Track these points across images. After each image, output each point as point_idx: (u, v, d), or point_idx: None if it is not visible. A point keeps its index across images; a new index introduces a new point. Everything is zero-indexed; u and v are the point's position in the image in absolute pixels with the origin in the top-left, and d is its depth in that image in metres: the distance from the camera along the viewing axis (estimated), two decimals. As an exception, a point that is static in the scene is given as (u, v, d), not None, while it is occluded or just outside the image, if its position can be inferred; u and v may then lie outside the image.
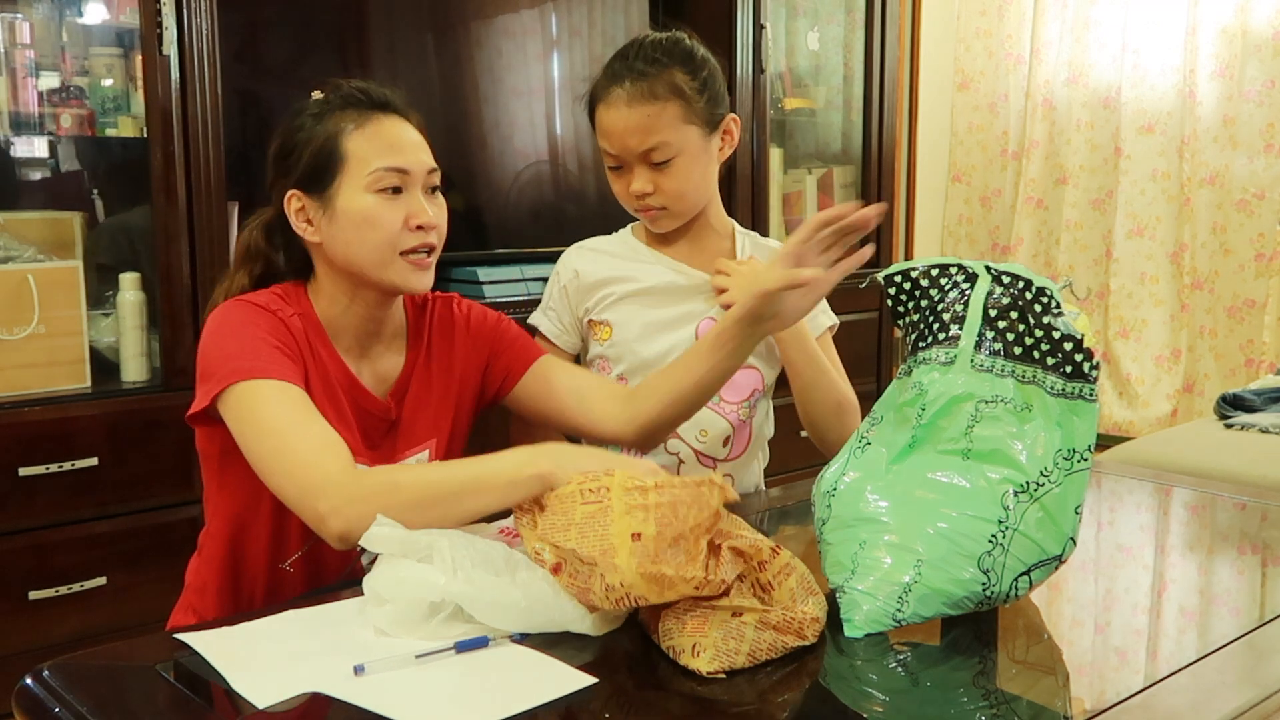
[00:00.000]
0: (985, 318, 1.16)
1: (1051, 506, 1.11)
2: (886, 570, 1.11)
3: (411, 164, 1.35)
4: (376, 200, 1.33)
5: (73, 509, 2.18)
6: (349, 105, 1.36)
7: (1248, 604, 1.30)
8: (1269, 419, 2.93)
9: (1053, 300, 1.15)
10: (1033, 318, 1.14)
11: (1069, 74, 4.42)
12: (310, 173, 1.34)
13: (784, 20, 3.49)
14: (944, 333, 1.17)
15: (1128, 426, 4.24)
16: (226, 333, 1.28)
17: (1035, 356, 1.14)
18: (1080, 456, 1.13)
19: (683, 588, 1.03)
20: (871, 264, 4.03)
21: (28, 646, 2.12)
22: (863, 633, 1.09)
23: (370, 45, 2.79)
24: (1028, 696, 1.02)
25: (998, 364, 1.14)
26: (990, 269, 1.19)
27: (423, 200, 1.36)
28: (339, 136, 1.34)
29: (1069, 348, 1.13)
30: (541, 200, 3.01)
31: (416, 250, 1.35)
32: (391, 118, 1.37)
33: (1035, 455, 1.11)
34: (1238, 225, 4.07)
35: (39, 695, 0.98)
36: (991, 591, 1.11)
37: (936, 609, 1.11)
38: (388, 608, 1.08)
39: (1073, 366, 1.13)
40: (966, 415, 1.13)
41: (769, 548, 1.08)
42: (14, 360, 2.16)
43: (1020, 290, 1.16)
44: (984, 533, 1.10)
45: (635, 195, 1.54)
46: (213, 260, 2.30)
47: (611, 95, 1.51)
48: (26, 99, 2.23)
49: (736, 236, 1.68)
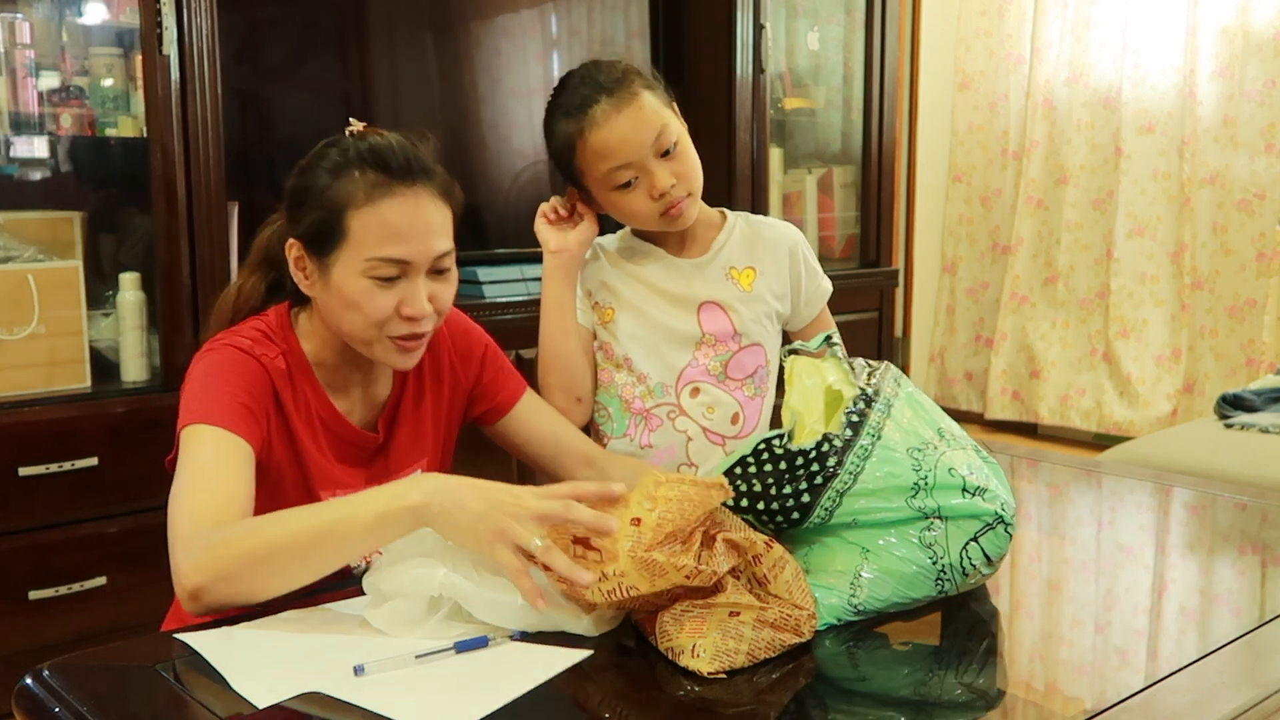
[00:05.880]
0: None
1: (955, 461, 1.16)
2: (837, 562, 1.15)
3: (413, 255, 1.28)
4: (369, 286, 1.27)
5: (73, 509, 2.18)
6: (366, 168, 1.27)
7: (1248, 604, 1.30)
8: (1269, 419, 2.93)
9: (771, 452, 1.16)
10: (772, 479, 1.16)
11: (1069, 74, 4.42)
12: (312, 235, 1.30)
13: (784, 20, 3.49)
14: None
15: (1128, 426, 4.24)
16: (202, 381, 1.28)
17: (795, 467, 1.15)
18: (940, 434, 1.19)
19: (674, 576, 1.03)
20: (871, 263, 4.02)
21: (28, 646, 2.12)
22: (823, 624, 1.11)
23: (370, 45, 2.79)
24: (1027, 696, 1.02)
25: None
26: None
27: (422, 287, 1.30)
28: (345, 210, 1.27)
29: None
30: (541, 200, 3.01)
31: (404, 335, 1.31)
32: (407, 194, 1.28)
33: (906, 428, 1.17)
34: (1238, 225, 4.07)
35: (39, 695, 0.98)
36: (943, 565, 1.13)
37: (893, 590, 1.13)
38: (386, 605, 1.08)
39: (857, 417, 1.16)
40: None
41: (763, 541, 1.09)
42: (14, 360, 2.16)
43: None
44: (906, 483, 1.13)
45: (660, 193, 1.54)
46: (213, 260, 2.30)
47: (595, 115, 1.51)
48: (26, 99, 2.24)
49: (727, 221, 1.69)
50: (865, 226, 3.66)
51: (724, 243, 1.66)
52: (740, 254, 1.65)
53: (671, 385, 1.62)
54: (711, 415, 1.63)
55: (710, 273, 1.64)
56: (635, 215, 1.58)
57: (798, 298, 1.68)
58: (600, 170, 1.53)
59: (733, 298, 1.63)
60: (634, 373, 1.63)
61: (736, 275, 1.64)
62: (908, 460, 1.14)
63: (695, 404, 1.62)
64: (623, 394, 1.63)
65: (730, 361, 1.63)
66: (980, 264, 4.82)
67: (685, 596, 1.05)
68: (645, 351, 1.63)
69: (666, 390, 1.62)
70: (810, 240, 2.54)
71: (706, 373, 1.62)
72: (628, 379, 1.63)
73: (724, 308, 1.63)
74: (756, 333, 1.64)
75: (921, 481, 1.14)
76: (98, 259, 2.37)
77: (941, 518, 1.14)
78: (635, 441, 1.61)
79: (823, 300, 1.72)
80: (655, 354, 1.62)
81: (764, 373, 1.67)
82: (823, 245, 3.64)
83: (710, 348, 1.62)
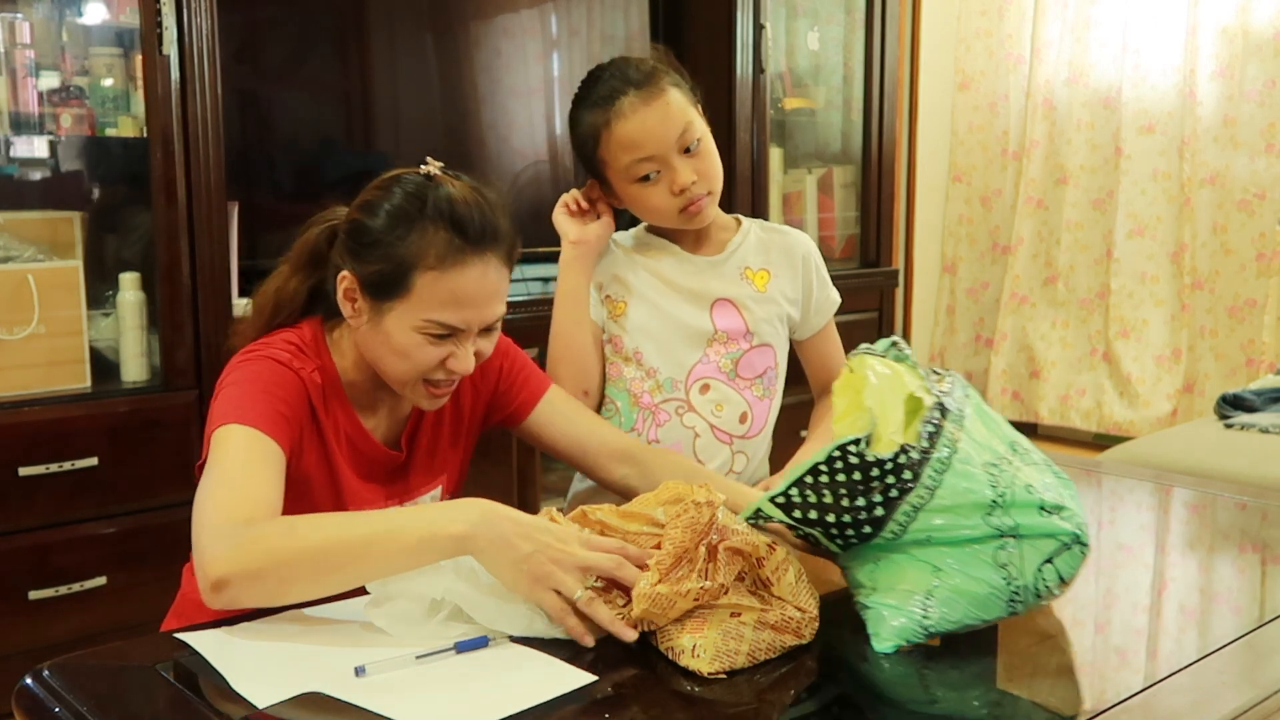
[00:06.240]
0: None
1: (1031, 478, 1.10)
2: (906, 580, 1.09)
3: (471, 322, 1.29)
4: (421, 340, 1.28)
5: (73, 509, 2.18)
6: (440, 226, 1.26)
7: (1248, 604, 1.30)
8: (1269, 419, 2.93)
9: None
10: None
11: (1069, 74, 4.42)
12: (373, 280, 1.29)
13: (784, 20, 3.48)
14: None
15: (1128, 426, 4.24)
16: (238, 387, 1.27)
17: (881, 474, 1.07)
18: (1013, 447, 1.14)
19: (682, 604, 1.04)
20: (871, 263, 4.01)
21: (28, 646, 2.12)
22: (892, 646, 1.06)
23: (370, 45, 2.79)
24: (1028, 696, 1.02)
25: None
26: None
27: (470, 345, 1.31)
28: (413, 269, 1.26)
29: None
30: (541, 200, 3.00)
31: (439, 383, 1.32)
32: (479, 263, 1.27)
33: (980, 441, 1.11)
34: (1238, 225, 4.07)
35: (39, 695, 0.98)
36: (1017, 586, 1.08)
37: (964, 611, 1.08)
38: (388, 606, 1.08)
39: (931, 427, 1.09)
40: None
41: (765, 544, 1.09)
42: (14, 360, 2.16)
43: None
44: (984, 499, 1.07)
45: (681, 189, 1.55)
46: (213, 260, 2.30)
47: (622, 107, 1.52)
48: (26, 99, 2.24)
49: (742, 225, 1.70)
50: (865, 226, 3.65)
51: (739, 244, 1.66)
52: (755, 256, 1.67)
53: (681, 381, 1.62)
54: (720, 413, 1.63)
55: (725, 270, 1.65)
56: (654, 210, 1.59)
57: (808, 305, 1.69)
58: (623, 162, 1.55)
59: (746, 296, 1.64)
60: (643, 367, 1.63)
61: (751, 275, 1.65)
62: (984, 476, 1.08)
63: (704, 401, 1.62)
64: (631, 388, 1.63)
65: (741, 360, 1.63)
66: (980, 264, 4.81)
67: (693, 601, 1.07)
68: (656, 346, 1.63)
69: (676, 386, 1.62)
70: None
71: (717, 370, 1.62)
72: (636, 373, 1.63)
73: (737, 305, 1.63)
74: (768, 333, 1.65)
75: (999, 498, 1.07)
76: (98, 259, 2.37)
77: (1017, 536, 1.07)
78: (642, 436, 1.62)
79: (831, 311, 1.73)
80: (666, 349, 1.62)
81: (773, 374, 1.68)
82: (823, 245, 3.63)
83: (722, 345, 1.63)
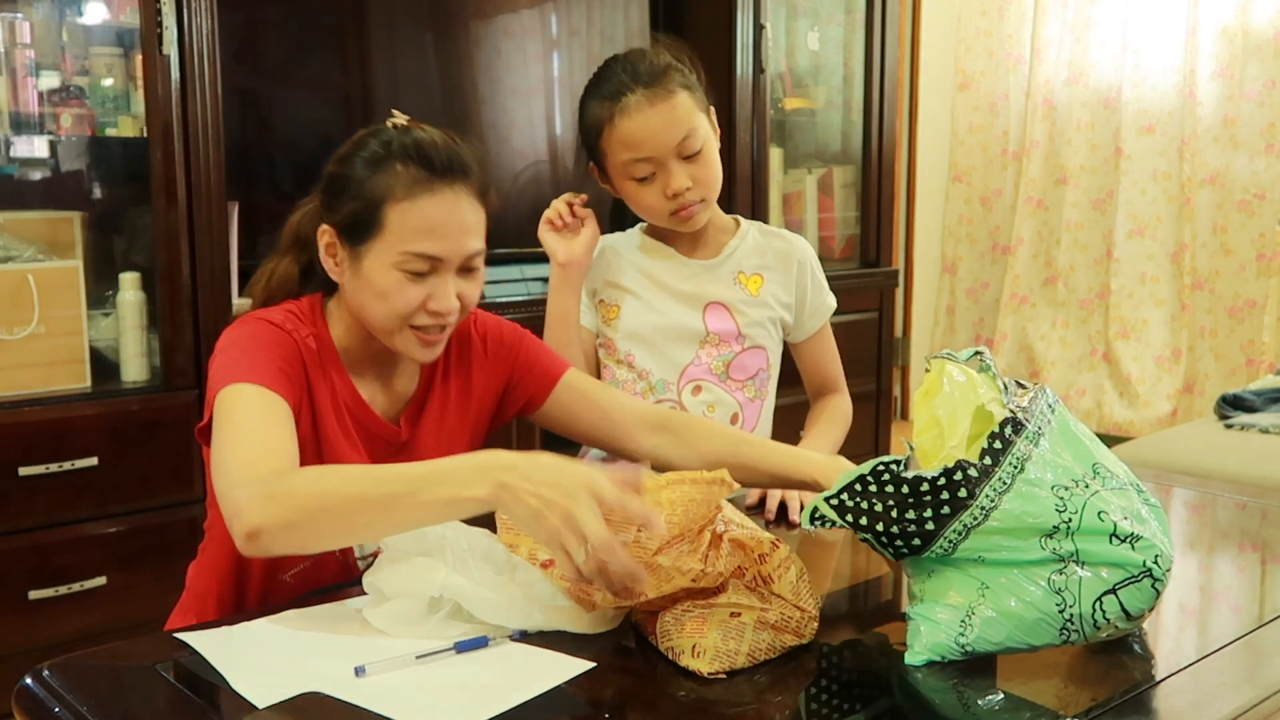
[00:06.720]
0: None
1: (1108, 504, 1.04)
2: (951, 595, 1.05)
3: (447, 252, 1.29)
4: (400, 278, 1.28)
5: (73, 509, 2.18)
6: (409, 162, 1.28)
7: (1248, 604, 1.30)
8: (1269, 419, 2.93)
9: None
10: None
11: (1069, 74, 4.42)
12: (348, 224, 1.30)
13: (784, 20, 3.48)
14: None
15: (1128, 426, 4.24)
16: (236, 348, 1.28)
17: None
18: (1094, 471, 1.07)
19: (679, 580, 1.03)
20: (871, 263, 4.01)
21: (28, 646, 2.12)
22: (923, 660, 1.04)
23: (370, 45, 2.78)
24: (1028, 696, 1.02)
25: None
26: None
27: (451, 284, 1.31)
28: (383, 202, 1.27)
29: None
30: (541, 200, 2.99)
31: (428, 328, 1.32)
32: (446, 192, 1.29)
33: (1054, 461, 1.05)
34: (1238, 225, 4.07)
35: (39, 695, 0.98)
36: (1070, 614, 1.02)
37: (1007, 633, 1.03)
38: (387, 605, 1.08)
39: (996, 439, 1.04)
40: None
41: (769, 541, 1.09)
42: (14, 360, 2.16)
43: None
44: (1044, 524, 1.02)
45: (675, 194, 1.55)
46: (213, 260, 2.30)
47: (628, 104, 1.52)
48: (26, 99, 2.23)
49: (741, 227, 1.70)
50: (865, 226, 3.65)
51: (735, 248, 1.67)
52: (750, 260, 1.67)
53: (673, 382, 1.63)
54: (711, 414, 1.64)
55: (719, 274, 1.66)
56: (647, 209, 1.60)
57: (802, 309, 1.69)
58: (621, 158, 1.55)
59: (739, 300, 1.64)
60: (635, 369, 1.64)
61: (744, 280, 1.66)
62: (1051, 499, 1.02)
63: (696, 402, 1.63)
64: (624, 391, 1.63)
65: (733, 362, 1.64)
66: (980, 264, 4.82)
67: (687, 597, 1.05)
68: (648, 347, 1.64)
69: (668, 387, 1.63)
70: (810, 240, 2.55)
71: (709, 371, 1.63)
72: (629, 376, 1.64)
73: (730, 309, 1.64)
74: (760, 336, 1.65)
75: (1064, 524, 1.02)
76: (98, 259, 2.37)
77: (1079, 563, 1.02)
78: None
79: (826, 315, 1.73)
80: (659, 350, 1.63)
81: (765, 376, 1.68)
82: (823, 245, 3.63)
83: (714, 347, 1.63)
